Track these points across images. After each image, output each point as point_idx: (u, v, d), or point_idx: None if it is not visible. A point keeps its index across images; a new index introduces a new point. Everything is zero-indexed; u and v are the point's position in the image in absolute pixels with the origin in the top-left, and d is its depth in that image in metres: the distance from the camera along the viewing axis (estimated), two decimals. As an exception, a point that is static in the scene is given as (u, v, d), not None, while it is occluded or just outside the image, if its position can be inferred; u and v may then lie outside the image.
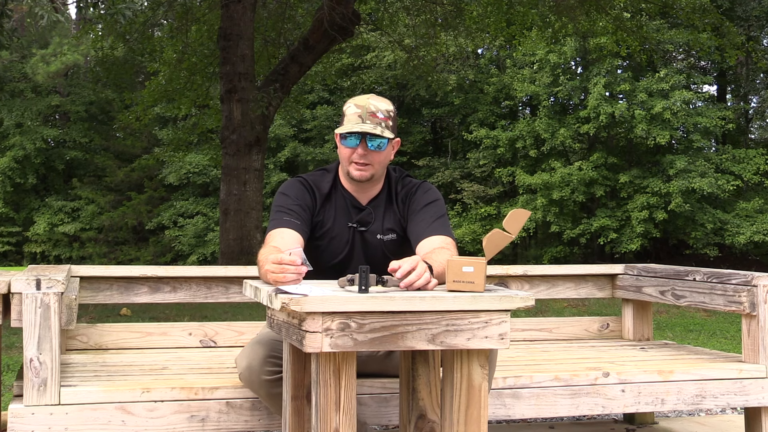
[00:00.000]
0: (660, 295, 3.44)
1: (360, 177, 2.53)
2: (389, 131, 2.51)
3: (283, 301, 1.94)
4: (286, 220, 2.48)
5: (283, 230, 2.46)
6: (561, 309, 8.75)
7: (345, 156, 2.54)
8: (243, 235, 11.10)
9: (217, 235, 19.87)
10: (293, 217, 2.49)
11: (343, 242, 2.58)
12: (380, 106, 2.52)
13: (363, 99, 2.54)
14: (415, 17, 14.57)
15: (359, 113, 2.49)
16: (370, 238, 2.59)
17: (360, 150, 2.49)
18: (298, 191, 2.56)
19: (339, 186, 2.62)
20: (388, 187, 2.65)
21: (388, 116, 2.52)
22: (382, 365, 2.64)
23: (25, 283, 2.35)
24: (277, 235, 2.45)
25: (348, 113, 2.52)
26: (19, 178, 23.89)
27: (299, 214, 2.51)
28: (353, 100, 2.54)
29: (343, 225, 2.58)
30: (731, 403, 2.98)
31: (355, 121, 2.48)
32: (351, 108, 2.52)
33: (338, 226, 2.57)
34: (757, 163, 19.13)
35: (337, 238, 2.58)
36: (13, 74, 25.13)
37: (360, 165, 2.51)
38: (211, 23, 13.70)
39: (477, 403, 2.14)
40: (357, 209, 2.60)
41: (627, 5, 13.30)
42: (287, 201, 2.54)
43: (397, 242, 2.62)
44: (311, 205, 2.56)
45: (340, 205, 2.60)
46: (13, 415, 2.37)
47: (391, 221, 2.62)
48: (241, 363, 2.50)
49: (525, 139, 20.74)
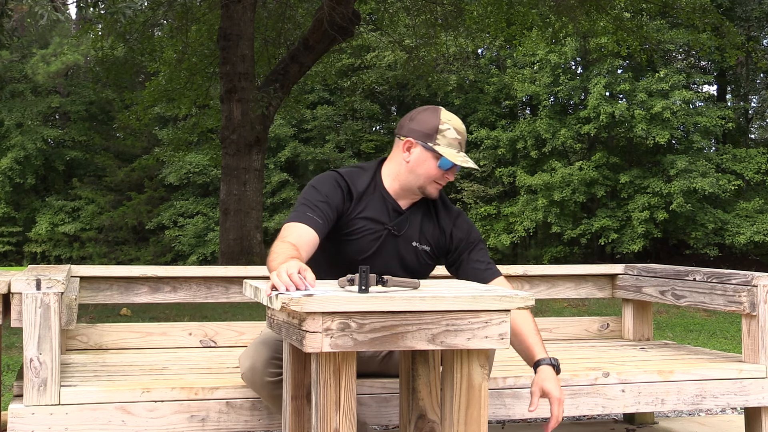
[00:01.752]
0: (660, 295, 3.44)
1: (436, 196, 2.57)
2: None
3: (283, 302, 1.94)
4: (309, 216, 2.42)
5: (301, 226, 2.40)
6: (561, 309, 8.75)
7: (431, 174, 2.51)
8: (243, 235, 11.10)
9: (217, 235, 19.88)
10: (316, 214, 2.43)
11: (372, 240, 2.53)
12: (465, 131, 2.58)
13: (459, 122, 2.53)
14: (415, 17, 14.57)
15: (459, 140, 2.51)
16: (403, 243, 2.56)
17: (451, 176, 2.53)
18: (330, 188, 2.50)
19: (379, 186, 2.57)
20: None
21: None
22: (382, 365, 2.64)
23: (25, 283, 2.35)
24: (295, 231, 2.39)
25: (448, 135, 2.50)
26: (19, 179, 23.90)
27: (324, 211, 2.45)
28: (450, 120, 2.52)
29: (377, 224, 2.53)
30: (731, 403, 2.98)
31: (456, 148, 2.50)
32: (451, 131, 2.50)
33: (371, 224, 2.53)
34: (758, 163, 19.13)
35: (367, 237, 2.54)
36: (13, 74, 25.13)
37: (440, 185, 2.55)
38: (211, 23, 13.70)
39: (477, 403, 2.14)
40: (396, 213, 2.56)
41: (627, 5, 13.31)
42: (315, 196, 2.48)
43: (431, 256, 2.62)
44: (340, 203, 2.50)
45: (378, 205, 2.55)
46: (13, 415, 2.37)
47: (429, 234, 2.60)
48: (244, 363, 2.50)
49: (526, 140, 20.75)
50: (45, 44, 26.12)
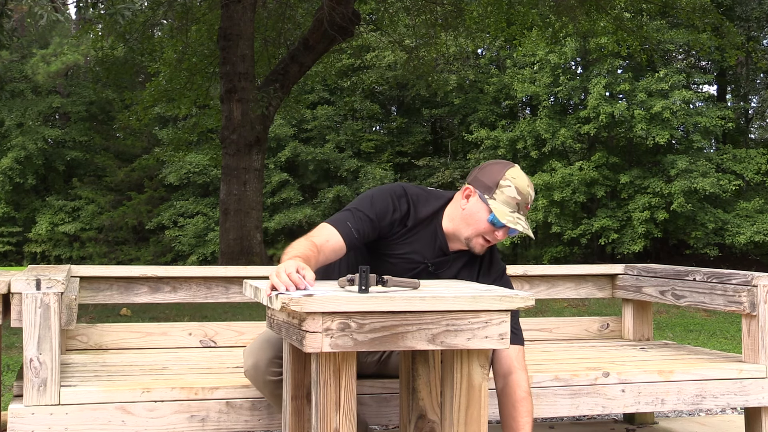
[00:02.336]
0: (660, 295, 3.44)
1: (481, 252, 2.50)
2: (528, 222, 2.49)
3: (283, 302, 1.94)
4: (347, 226, 2.38)
5: (335, 232, 2.36)
6: (561, 309, 8.75)
7: (481, 229, 2.45)
8: (243, 235, 11.10)
9: (217, 235, 19.88)
10: (355, 227, 2.38)
11: (407, 270, 2.51)
12: (532, 197, 2.47)
13: (524, 185, 2.44)
14: (415, 17, 14.57)
15: (518, 201, 2.43)
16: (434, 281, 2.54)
17: (500, 235, 2.45)
18: (385, 207, 2.45)
19: (438, 221, 2.53)
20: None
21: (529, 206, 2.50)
22: (381, 367, 2.64)
23: (25, 283, 2.35)
24: (326, 233, 2.36)
25: (506, 192, 2.43)
26: (19, 178, 23.90)
27: (366, 227, 2.40)
28: (515, 179, 2.44)
29: (419, 255, 2.51)
30: (731, 403, 2.98)
31: (512, 208, 2.42)
32: (511, 189, 2.43)
33: (414, 254, 2.51)
34: (758, 163, 19.12)
35: (405, 265, 2.51)
36: (13, 74, 25.13)
37: (487, 243, 2.48)
38: (211, 23, 13.70)
39: (477, 403, 2.15)
40: (442, 252, 2.54)
41: (627, 5, 13.31)
42: (367, 208, 2.43)
43: None
44: (387, 226, 2.45)
45: (429, 239, 2.52)
46: (13, 415, 2.37)
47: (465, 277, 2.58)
48: (247, 360, 2.49)
49: (526, 140, 20.75)
50: (45, 44, 26.12)
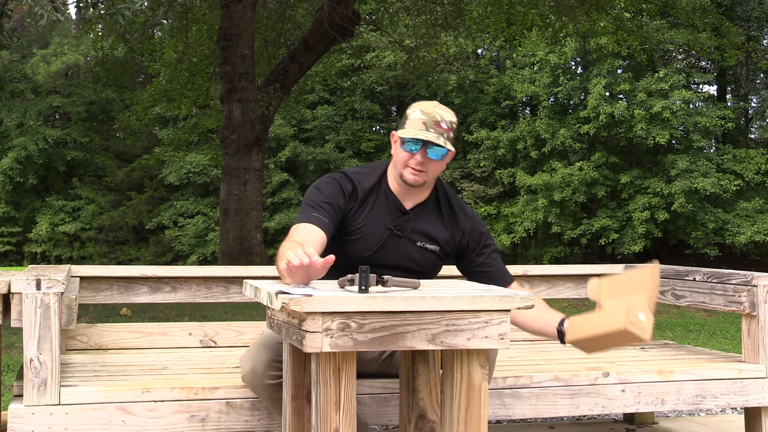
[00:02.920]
0: (660, 295, 3.44)
1: (414, 182, 2.52)
2: (450, 143, 2.51)
3: (283, 302, 1.94)
4: (314, 216, 2.45)
5: (308, 226, 2.43)
6: (561, 309, 8.74)
7: (402, 159, 2.52)
8: (243, 235, 11.10)
9: (217, 235, 19.87)
10: (321, 214, 2.46)
11: (375, 241, 2.55)
12: (445, 116, 2.51)
13: (429, 106, 2.52)
14: (415, 17, 14.57)
15: (424, 120, 2.49)
16: (406, 243, 2.57)
17: (418, 157, 2.49)
18: (333, 189, 2.54)
19: (384, 185, 2.60)
20: (436, 196, 2.64)
21: (450, 127, 2.51)
22: (382, 366, 2.64)
23: (25, 283, 2.35)
24: (302, 230, 2.42)
25: (412, 117, 2.51)
26: (19, 178, 23.90)
27: (328, 211, 2.48)
28: (419, 105, 2.53)
29: (380, 225, 2.55)
30: (731, 403, 2.98)
31: (419, 128, 2.48)
32: (416, 113, 2.51)
33: (374, 224, 2.54)
34: (758, 163, 19.13)
35: (369, 237, 2.55)
36: (13, 74, 25.13)
37: (416, 171, 2.51)
38: (211, 23, 13.70)
39: (477, 403, 2.15)
40: (400, 212, 2.58)
41: (627, 5, 13.30)
42: (318, 197, 2.51)
43: (439, 257, 2.62)
44: (343, 203, 2.53)
45: (382, 204, 2.58)
46: (13, 415, 2.37)
47: (439, 234, 2.60)
48: (245, 365, 2.50)
49: (526, 140, 20.74)
50: (45, 44, 26.11)
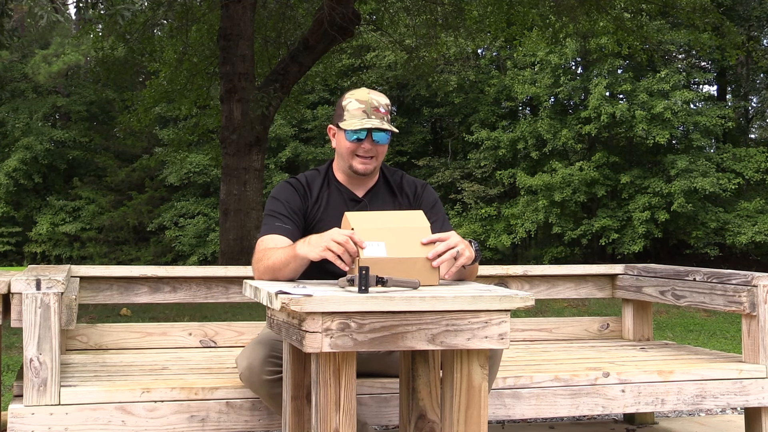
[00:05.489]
0: (660, 295, 3.44)
1: (365, 171, 2.57)
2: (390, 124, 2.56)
3: (283, 302, 1.94)
4: (278, 226, 2.52)
5: (275, 237, 2.49)
6: (561, 309, 8.75)
7: (348, 150, 2.56)
8: (243, 235, 11.10)
9: (217, 236, 19.86)
10: (284, 221, 2.53)
11: None
12: (381, 100, 2.56)
13: (363, 94, 2.56)
14: (416, 17, 14.56)
15: (363, 108, 2.53)
16: None
17: (367, 144, 2.54)
18: (288, 194, 2.60)
19: (333, 181, 2.66)
20: (384, 178, 2.69)
21: (387, 110, 2.57)
22: (382, 364, 2.64)
23: (25, 283, 2.36)
24: (270, 242, 2.48)
25: (350, 108, 2.55)
26: (23, 179, 23.90)
27: (290, 217, 2.55)
28: (353, 95, 2.57)
29: (338, 216, 2.58)
30: (731, 403, 2.98)
31: (360, 116, 2.52)
32: (353, 103, 2.55)
33: (334, 219, 2.57)
34: (758, 161, 19.12)
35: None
36: (13, 74, 25.12)
37: (365, 159, 2.56)
38: (211, 23, 13.69)
39: (477, 403, 2.14)
40: (354, 201, 2.63)
41: (627, 5, 13.29)
42: (277, 206, 2.58)
43: None
44: (301, 205, 2.59)
45: (336, 198, 2.63)
46: (13, 415, 2.37)
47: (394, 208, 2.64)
48: (241, 363, 2.50)
49: (526, 140, 20.73)
50: (45, 44, 26.10)
